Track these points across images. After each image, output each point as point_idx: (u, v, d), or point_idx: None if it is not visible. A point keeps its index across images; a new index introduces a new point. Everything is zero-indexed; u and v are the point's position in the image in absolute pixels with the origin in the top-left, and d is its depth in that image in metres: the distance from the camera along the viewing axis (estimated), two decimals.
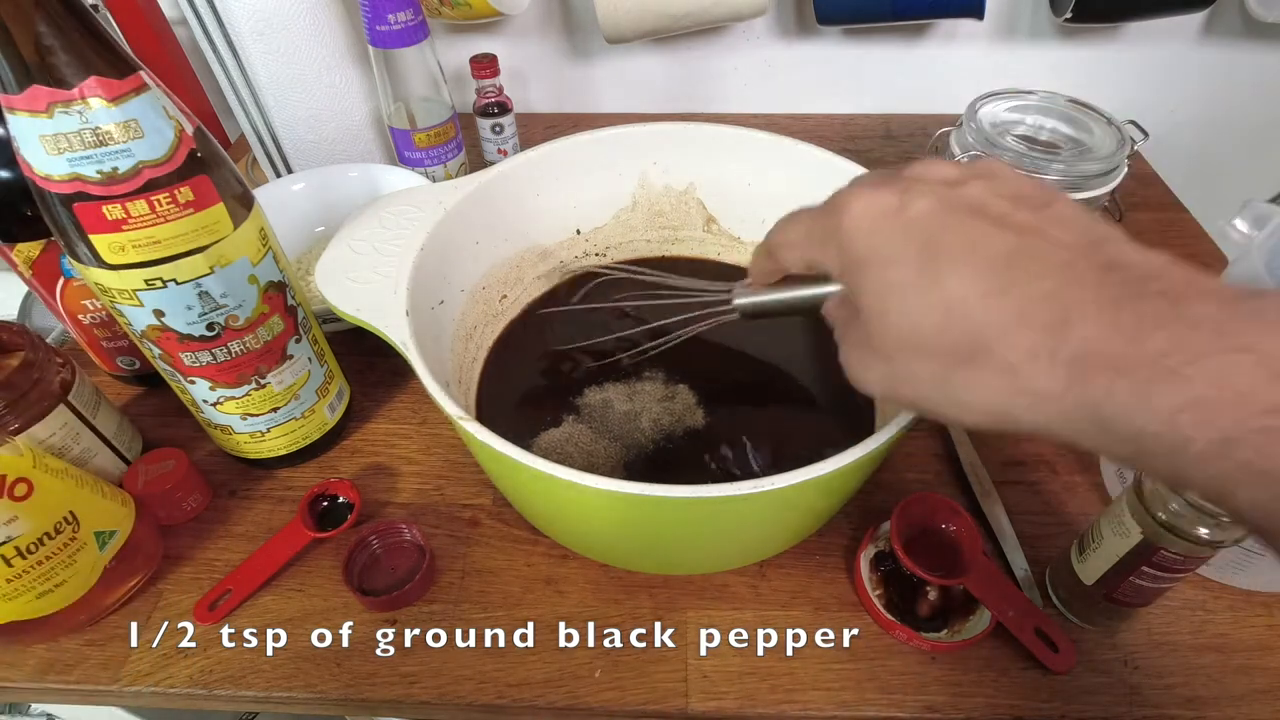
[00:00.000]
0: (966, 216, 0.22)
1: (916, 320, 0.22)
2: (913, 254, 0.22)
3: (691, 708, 0.38)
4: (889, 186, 0.24)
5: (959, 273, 0.21)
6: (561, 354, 0.50)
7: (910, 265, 0.22)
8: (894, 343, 0.23)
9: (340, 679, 0.39)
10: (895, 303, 0.23)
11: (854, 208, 0.24)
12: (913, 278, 0.22)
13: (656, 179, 0.53)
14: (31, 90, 0.30)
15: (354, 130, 0.65)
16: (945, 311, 0.21)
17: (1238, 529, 0.32)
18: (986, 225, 0.22)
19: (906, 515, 0.40)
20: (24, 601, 0.37)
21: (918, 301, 0.22)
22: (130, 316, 0.37)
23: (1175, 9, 0.67)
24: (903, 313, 0.23)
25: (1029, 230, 0.21)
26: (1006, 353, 0.20)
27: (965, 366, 0.21)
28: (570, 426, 0.45)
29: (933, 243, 0.22)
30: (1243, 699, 0.37)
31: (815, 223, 0.27)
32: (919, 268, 0.22)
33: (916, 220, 0.23)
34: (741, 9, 0.66)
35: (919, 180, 0.24)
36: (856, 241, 0.24)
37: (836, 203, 0.25)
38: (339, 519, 0.44)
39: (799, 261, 0.28)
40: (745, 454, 0.43)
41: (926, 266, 0.22)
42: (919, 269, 0.22)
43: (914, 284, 0.22)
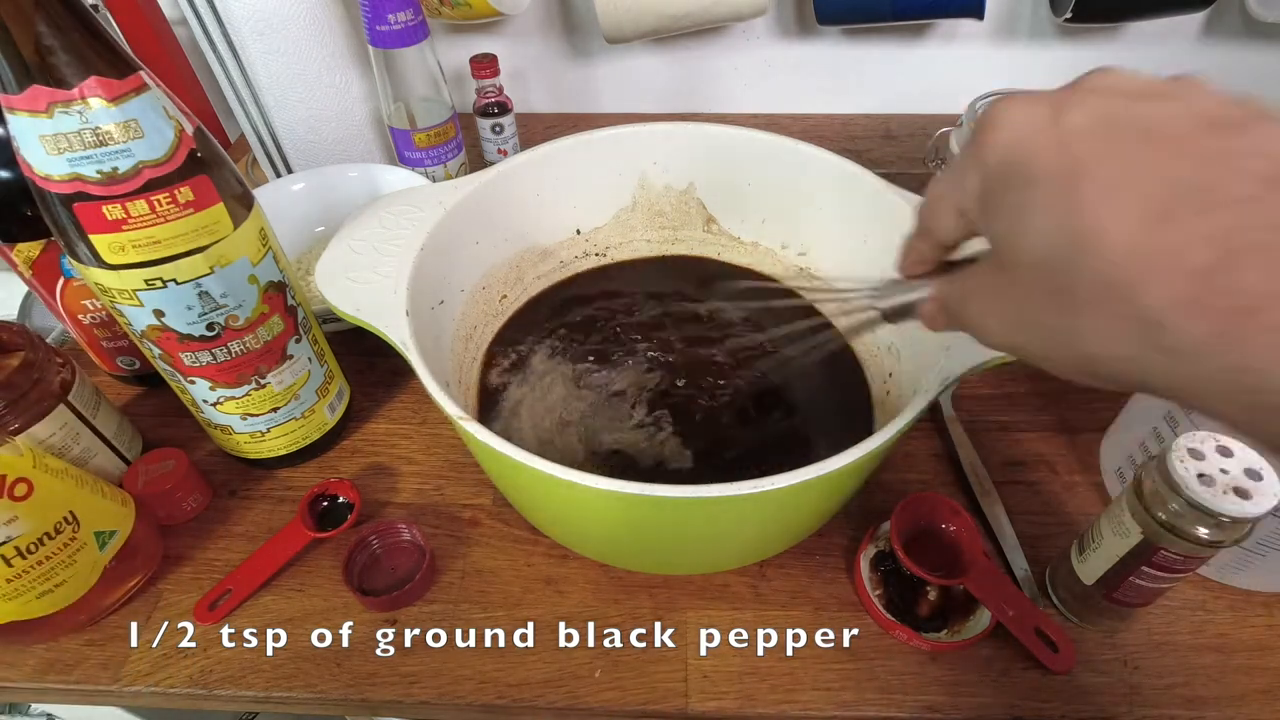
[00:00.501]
0: (1134, 137, 0.19)
1: (1049, 249, 0.19)
2: (1058, 174, 0.19)
3: (691, 708, 0.38)
4: (1045, 96, 0.21)
5: (1108, 197, 0.18)
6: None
7: (1052, 186, 0.19)
8: (1022, 278, 0.20)
9: (340, 679, 0.39)
10: (1028, 228, 0.20)
11: (1000, 122, 0.21)
12: (1053, 201, 0.19)
13: (656, 179, 0.53)
14: (31, 90, 0.30)
15: (354, 130, 0.65)
16: (1082, 241, 0.18)
17: (1238, 529, 0.32)
18: (1156, 150, 0.18)
19: (906, 515, 0.40)
20: (24, 601, 0.37)
21: (1054, 227, 0.19)
22: (130, 316, 0.37)
23: (1175, 9, 0.67)
24: (1034, 240, 0.19)
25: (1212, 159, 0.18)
26: (1148, 298, 0.17)
27: (1094, 311, 0.18)
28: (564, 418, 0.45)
29: (1084, 163, 0.19)
30: (1243, 699, 0.37)
31: (960, 155, 0.23)
32: (1062, 190, 0.19)
33: (1071, 136, 0.19)
34: (741, 9, 0.66)
35: (1088, 90, 0.20)
36: (997, 160, 0.21)
37: (983, 120, 0.22)
38: (339, 519, 0.44)
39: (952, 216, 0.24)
40: (744, 453, 0.43)
41: (1071, 189, 0.19)
42: (1062, 191, 0.19)
43: (1053, 208, 0.19)
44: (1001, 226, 0.21)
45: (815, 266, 0.52)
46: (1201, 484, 0.31)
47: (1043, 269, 0.20)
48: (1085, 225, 0.18)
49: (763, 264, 0.55)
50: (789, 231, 0.53)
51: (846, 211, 0.48)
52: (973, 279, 0.24)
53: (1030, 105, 0.21)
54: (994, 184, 0.21)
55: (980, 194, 0.22)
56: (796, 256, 0.53)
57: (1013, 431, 0.49)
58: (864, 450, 0.32)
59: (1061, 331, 0.20)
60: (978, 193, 0.22)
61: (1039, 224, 0.19)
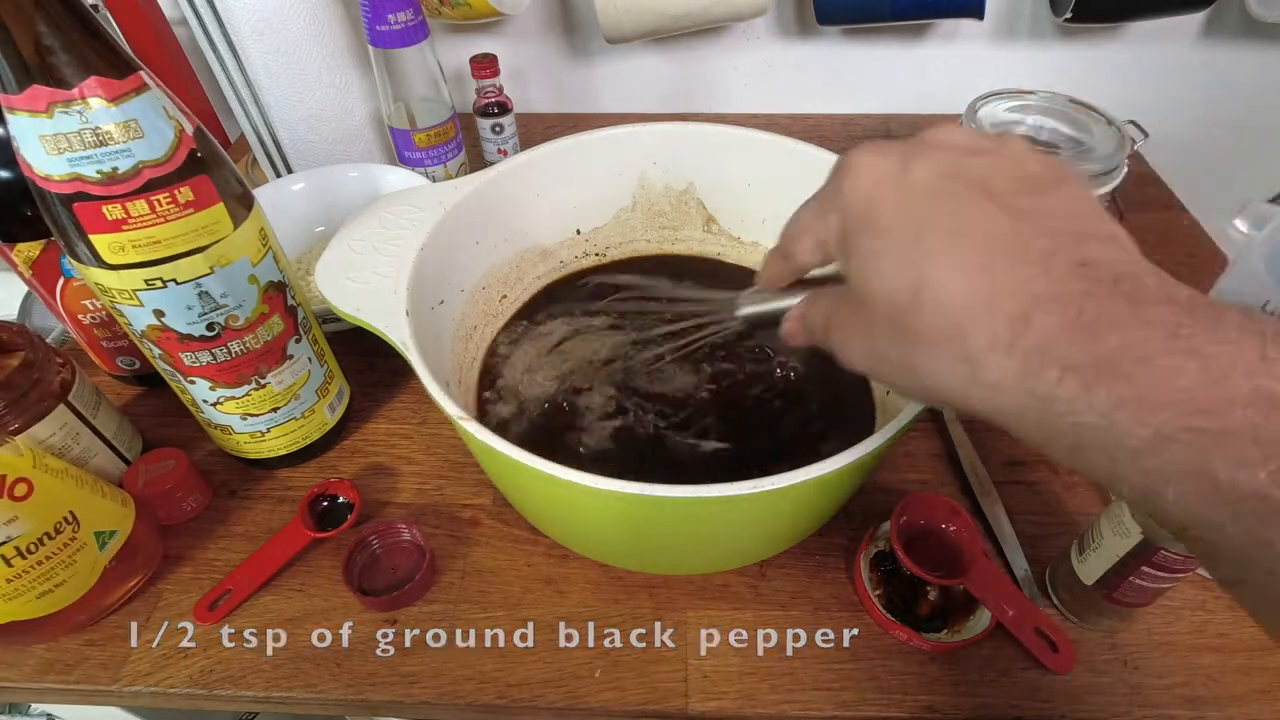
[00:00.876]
0: (965, 191, 0.21)
1: (894, 294, 0.22)
2: (903, 223, 0.22)
3: (691, 708, 0.38)
4: (895, 149, 0.23)
5: (942, 251, 0.21)
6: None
7: (897, 235, 0.22)
8: (875, 316, 0.23)
9: (340, 679, 0.39)
10: (877, 273, 0.22)
11: (855, 170, 0.23)
12: (897, 249, 0.22)
13: (656, 179, 0.53)
14: (31, 90, 0.30)
15: (354, 130, 0.65)
16: (920, 290, 0.21)
17: None
18: (983, 203, 0.21)
19: (906, 515, 0.40)
20: (24, 601, 0.37)
21: (898, 275, 0.22)
22: (130, 316, 0.37)
23: (1175, 9, 0.67)
24: (882, 285, 0.22)
25: (1024, 215, 0.21)
26: (969, 341, 0.20)
27: (931, 350, 0.21)
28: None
29: (924, 215, 0.21)
30: (1243, 699, 0.37)
31: (820, 195, 0.26)
32: (906, 239, 0.21)
33: (914, 187, 0.22)
34: (741, 9, 0.66)
35: (928, 145, 0.23)
36: (853, 205, 0.23)
37: (839, 166, 0.24)
38: (339, 519, 0.44)
39: (811, 248, 0.27)
40: (744, 452, 0.43)
41: (913, 239, 0.21)
42: (905, 241, 0.21)
43: (897, 256, 0.22)
44: (856, 267, 0.23)
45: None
46: None
47: (889, 309, 0.22)
48: (924, 274, 0.21)
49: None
50: None
51: None
52: (834, 307, 0.26)
53: (882, 156, 0.23)
54: (850, 226, 0.23)
55: (839, 233, 0.24)
56: None
57: None
58: (864, 450, 0.32)
59: (906, 365, 0.22)
60: (837, 232, 0.24)
61: (886, 269, 0.22)
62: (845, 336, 0.25)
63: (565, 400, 0.46)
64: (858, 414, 0.46)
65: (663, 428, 0.45)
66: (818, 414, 0.46)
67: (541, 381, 0.47)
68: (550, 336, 0.50)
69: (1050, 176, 0.22)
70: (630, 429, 0.45)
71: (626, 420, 0.45)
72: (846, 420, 0.46)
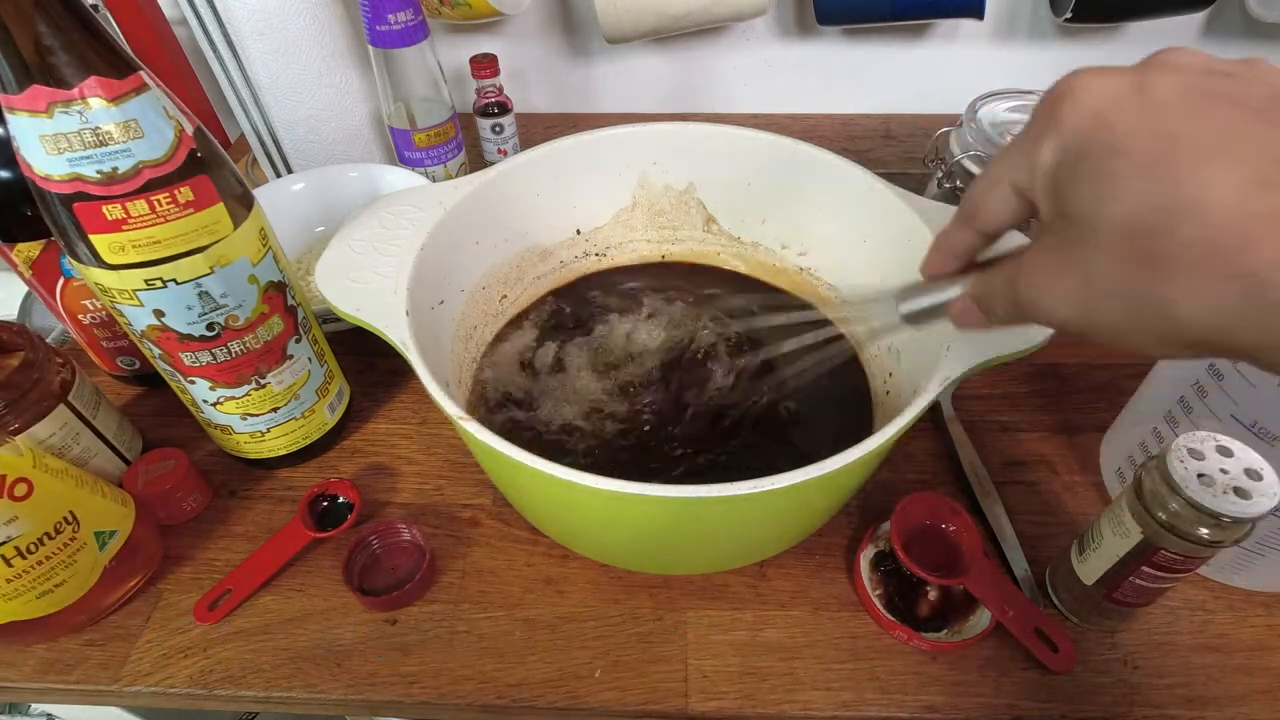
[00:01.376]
0: (1222, 108, 0.19)
1: (1139, 216, 0.19)
2: (1151, 141, 0.19)
3: (691, 708, 0.38)
4: (1123, 70, 0.21)
5: (1206, 164, 0.19)
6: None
7: (1145, 153, 0.19)
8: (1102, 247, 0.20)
9: (340, 679, 0.39)
10: (1117, 194, 0.20)
11: (1077, 91, 0.21)
12: (1145, 166, 0.19)
13: (656, 179, 0.53)
14: (31, 90, 0.30)
15: (354, 130, 0.65)
16: (1179, 207, 0.19)
17: (1238, 529, 0.32)
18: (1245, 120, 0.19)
19: (906, 515, 0.40)
20: (24, 601, 0.37)
21: (1147, 193, 0.19)
22: (130, 316, 0.37)
23: (1175, 9, 0.67)
24: (1122, 207, 0.20)
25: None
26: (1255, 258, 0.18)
27: (1191, 274, 0.19)
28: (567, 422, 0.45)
29: (1178, 130, 0.19)
30: (1243, 699, 0.37)
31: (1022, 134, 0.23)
32: (1156, 156, 0.19)
33: (1161, 104, 0.20)
34: (742, 9, 0.66)
35: (1164, 66, 0.21)
36: (1079, 128, 0.21)
37: (1056, 90, 0.22)
38: (339, 519, 0.44)
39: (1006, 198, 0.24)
40: (744, 453, 0.43)
41: (1167, 154, 0.19)
42: (1156, 158, 0.19)
43: (1145, 173, 0.19)
44: (1084, 194, 0.21)
45: (815, 266, 0.52)
46: (1201, 484, 0.31)
47: (1132, 236, 0.19)
48: (1183, 191, 0.19)
49: (763, 265, 0.55)
50: (789, 231, 0.53)
51: (846, 211, 0.48)
52: (1028, 258, 0.23)
53: (1109, 77, 0.21)
54: (1074, 153, 0.21)
55: (1054, 165, 0.22)
56: (797, 256, 0.53)
57: (1013, 431, 0.49)
58: (864, 450, 0.32)
59: (1148, 299, 0.20)
60: (1051, 165, 0.22)
61: (1131, 189, 0.19)
62: (1048, 284, 0.22)
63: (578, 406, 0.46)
64: (857, 414, 0.46)
65: (663, 428, 0.45)
66: (817, 414, 0.46)
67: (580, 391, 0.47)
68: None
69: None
70: (630, 429, 0.45)
71: (626, 420, 0.45)
72: (846, 420, 0.46)
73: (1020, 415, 0.50)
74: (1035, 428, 0.50)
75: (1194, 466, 0.32)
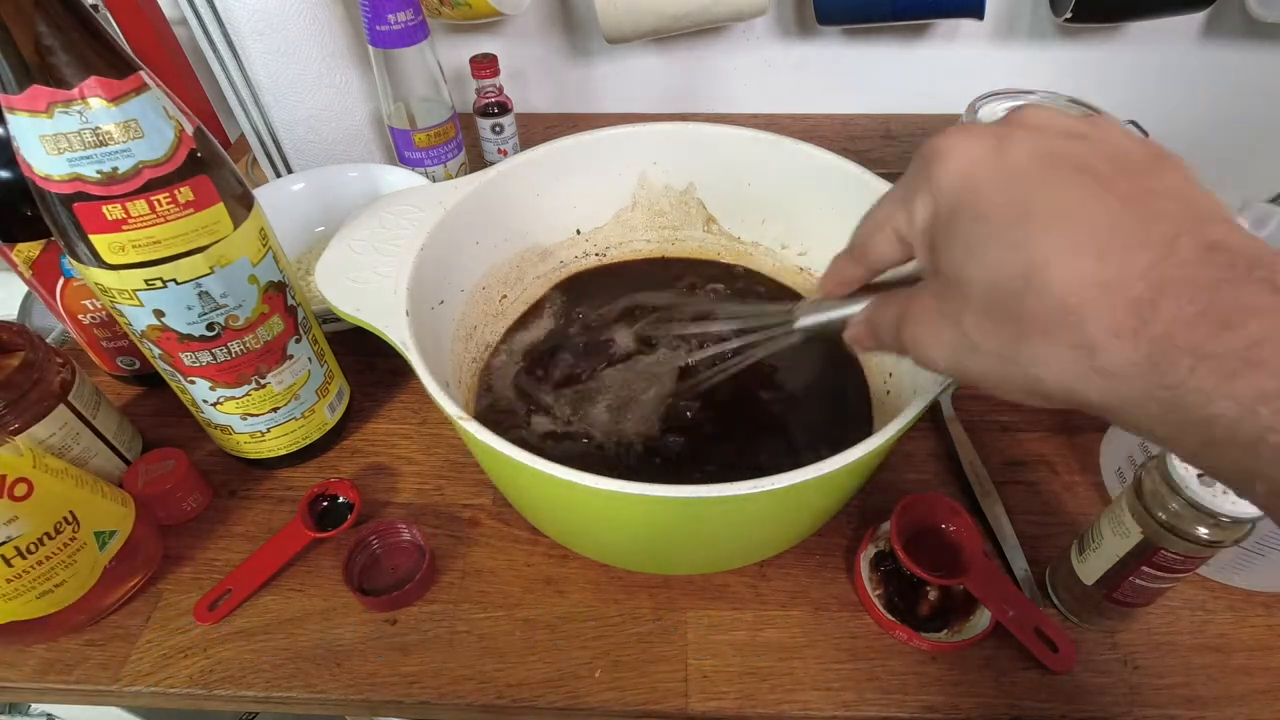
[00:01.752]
0: (1070, 172, 0.21)
1: (997, 280, 0.21)
2: (1006, 209, 0.21)
3: (691, 708, 0.38)
4: (987, 131, 0.22)
5: (1052, 234, 0.20)
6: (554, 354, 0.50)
7: (1001, 220, 0.21)
8: (970, 305, 0.22)
9: (340, 679, 0.39)
10: (978, 259, 0.21)
11: (946, 154, 0.22)
12: (1000, 232, 0.21)
13: (656, 179, 0.53)
14: (31, 90, 0.30)
15: (354, 130, 0.65)
16: (1030, 274, 0.20)
17: (1238, 529, 0.32)
18: (1089, 185, 0.20)
19: (906, 515, 0.40)
20: (24, 601, 0.37)
21: (1002, 260, 0.20)
22: (130, 316, 0.37)
23: (1175, 9, 0.67)
24: (984, 271, 0.21)
25: (1133, 197, 0.20)
26: (1088, 327, 0.19)
27: (1040, 338, 0.20)
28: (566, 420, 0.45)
29: (1028, 198, 0.21)
30: (1243, 699, 0.37)
31: (903, 184, 0.25)
32: (1010, 224, 0.20)
33: (1015, 170, 0.21)
34: (742, 9, 0.66)
35: (1021, 127, 0.22)
36: (947, 190, 0.22)
37: (927, 151, 0.23)
38: (339, 519, 0.44)
39: (889, 241, 0.25)
40: (744, 453, 0.43)
41: (1018, 222, 0.20)
42: (1010, 224, 0.20)
43: (1001, 240, 0.21)
44: (953, 256, 0.22)
45: (815, 266, 0.52)
46: (1201, 484, 0.31)
47: (992, 297, 0.21)
48: (1033, 258, 0.20)
49: (763, 264, 0.55)
50: (789, 231, 0.53)
51: (846, 212, 0.47)
52: (914, 304, 0.25)
53: (975, 139, 0.22)
54: (944, 214, 0.22)
55: (929, 222, 0.23)
56: (796, 256, 0.53)
57: (1013, 431, 0.49)
58: (864, 450, 0.32)
59: (1007, 356, 0.21)
60: (925, 222, 0.23)
61: (991, 256, 0.21)
62: (927, 332, 0.24)
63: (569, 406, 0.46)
64: (857, 414, 0.46)
65: (663, 427, 0.45)
66: (817, 414, 0.46)
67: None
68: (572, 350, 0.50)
69: (1150, 158, 0.21)
70: (629, 429, 0.45)
71: (625, 421, 0.45)
72: (846, 420, 0.46)
73: (1020, 415, 0.50)
74: (1035, 428, 0.50)
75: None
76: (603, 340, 0.50)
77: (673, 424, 0.45)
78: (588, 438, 0.45)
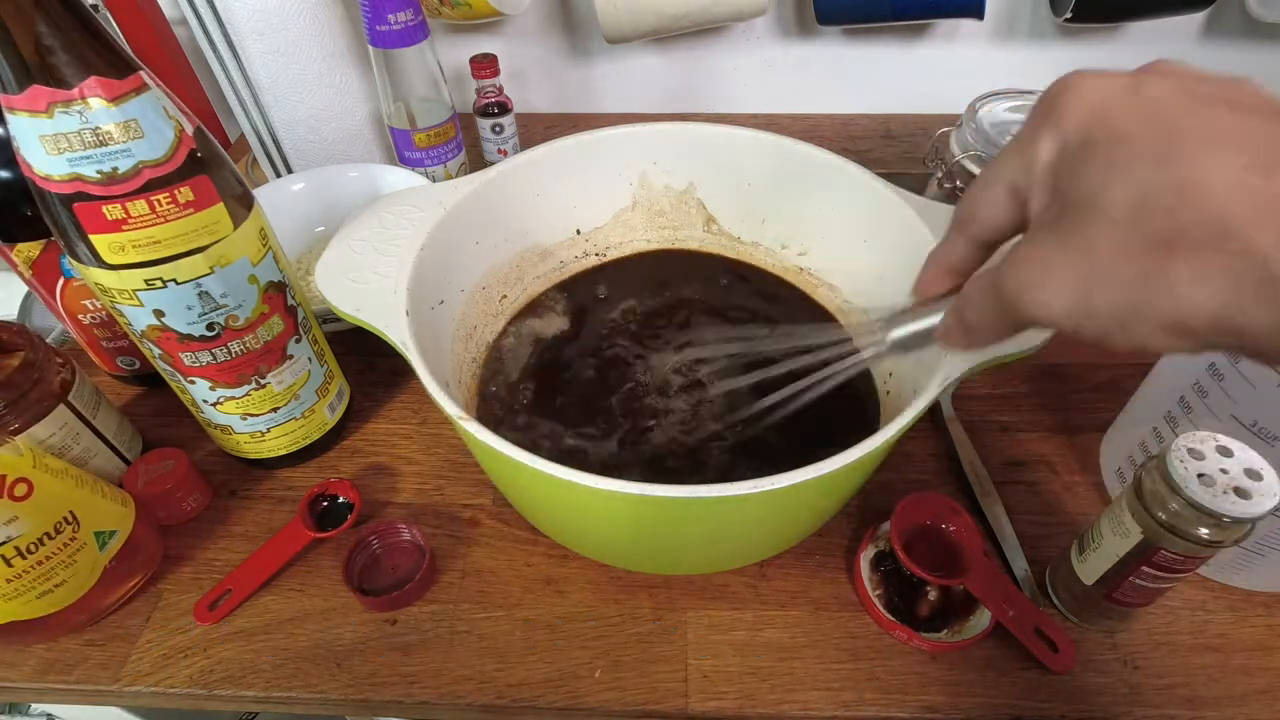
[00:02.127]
0: (1219, 105, 0.20)
1: (1144, 196, 0.20)
2: (1151, 133, 0.20)
3: (691, 708, 0.38)
4: (1117, 73, 0.22)
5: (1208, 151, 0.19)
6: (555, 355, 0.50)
7: (1148, 142, 0.20)
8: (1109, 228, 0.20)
9: (340, 679, 0.39)
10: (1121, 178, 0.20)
11: (1076, 90, 0.22)
12: (1147, 153, 0.20)
13: (656, 179, 0.53)
14: (31, 90, 0.30)
15: (354, 130, 0.65)
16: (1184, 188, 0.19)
17: (1238, 529, 0.32)
18: (1238, 112, 0.20)
19: (906, 515, 0.40)
20: (24, 601, 0.37)
21: (1150, 177, 0.20)
22: (130, 316, 0.37)
23: (1175, 9, 0.67)
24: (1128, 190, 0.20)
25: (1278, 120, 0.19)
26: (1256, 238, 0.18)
27: (1197, 253, 0.19)
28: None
29: (1177, 125, 0.20)
30: (1243, 699, 0.37)
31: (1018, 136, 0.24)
32: (1159, 144, 0.20)
33: (1157, 102, 0.21)
34: (742, 9, 0.66)
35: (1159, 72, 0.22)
36: (1079, 122, 0.21)
37: (1053, 90, 0.23)
38: (339, 519, 0.44)
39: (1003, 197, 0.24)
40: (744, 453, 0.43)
41: (1168, 145, 0.20)
42: (1159, 146, 0.20)
43: (1148, 159, 0.20)
44: (1087, 181, 0.21)
45: (815, 266, 0.52)
46: (1201, 484, 0.31)
47: (1136, 216, 0.20)
48: (1188, 175, 0.19)
49: (762, 264, 0.55)
50: (789, 231, 0.53)
51: (846, 211, 0.48)
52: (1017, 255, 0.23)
53: (1105, 78, 0.22)
54: (1075, 144, 0.21)
55: (1055, 158, 0.22)
56: (797, 256, 0.53)
57: (1013, 431, 0.49)
58: (864, 450, 0.32)
59: (1153, 280, 0.20)
60: (1050, 158, 0.22)
61: (1135, 173, 0.20)
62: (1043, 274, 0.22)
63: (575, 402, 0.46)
64: (858, 414, 0.46)
65: (661, 427, 0.45)
66: (818, 414, 0.46)
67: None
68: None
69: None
70: (628, 429, 0.45)
71: (625, 420, 0.45)
72: (847, 420, 0.46)
73: (1020, 415, 0.50)
74: (1035, 428, 0.50)
75: (1194, 466, 0.32)
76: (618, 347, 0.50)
77: (671, 424, 0.45)
78: (589, 439, 0.45)
